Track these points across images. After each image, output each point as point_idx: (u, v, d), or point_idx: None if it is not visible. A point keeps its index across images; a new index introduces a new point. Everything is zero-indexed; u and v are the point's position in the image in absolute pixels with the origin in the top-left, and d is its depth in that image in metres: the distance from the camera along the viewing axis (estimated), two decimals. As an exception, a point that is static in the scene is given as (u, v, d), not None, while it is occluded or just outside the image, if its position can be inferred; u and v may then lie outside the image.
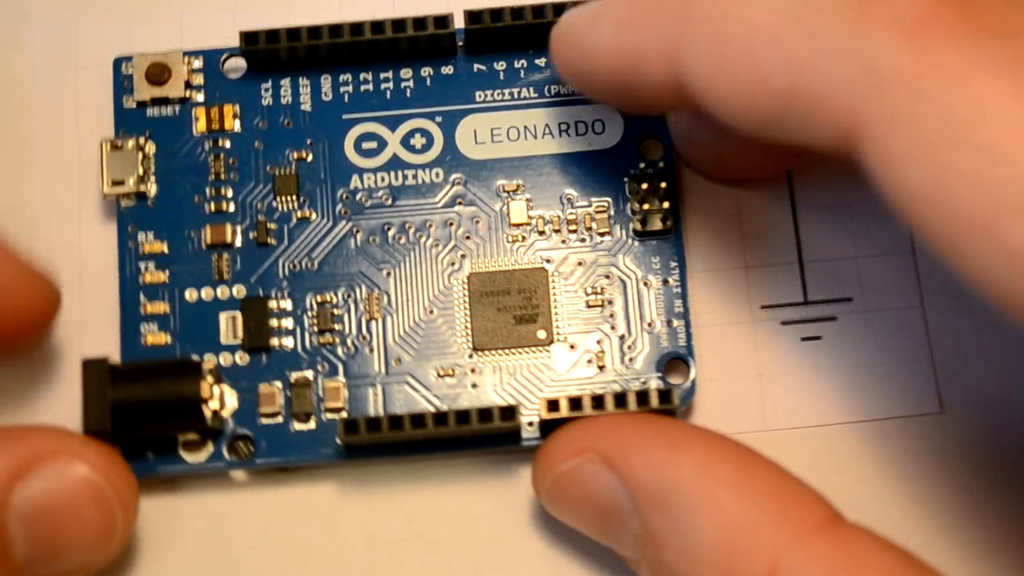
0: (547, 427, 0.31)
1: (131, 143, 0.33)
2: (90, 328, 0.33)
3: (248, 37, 0.33)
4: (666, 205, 0.32)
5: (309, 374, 0.32)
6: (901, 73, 0.22)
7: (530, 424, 0.31)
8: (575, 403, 0.30)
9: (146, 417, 0.30)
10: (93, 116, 0.34)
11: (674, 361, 0.32)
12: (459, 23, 0.33)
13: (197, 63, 0.34)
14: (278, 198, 0.33)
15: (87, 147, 0.34)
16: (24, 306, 0.30)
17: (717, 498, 0.26)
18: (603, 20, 0.27)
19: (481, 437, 0.31)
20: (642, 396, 0.30)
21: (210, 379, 0.31)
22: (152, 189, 0.33)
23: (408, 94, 0.33)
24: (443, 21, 0.32)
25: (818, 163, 0.33)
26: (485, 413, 0.30)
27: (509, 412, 0.30)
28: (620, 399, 0.30)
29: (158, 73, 0.33)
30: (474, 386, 0.32)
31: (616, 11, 0.27)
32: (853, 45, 0.23)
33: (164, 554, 0.31)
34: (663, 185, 0.32)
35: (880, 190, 0.23)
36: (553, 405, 0.30)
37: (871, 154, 0.23)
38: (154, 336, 0.32)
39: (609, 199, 0.33)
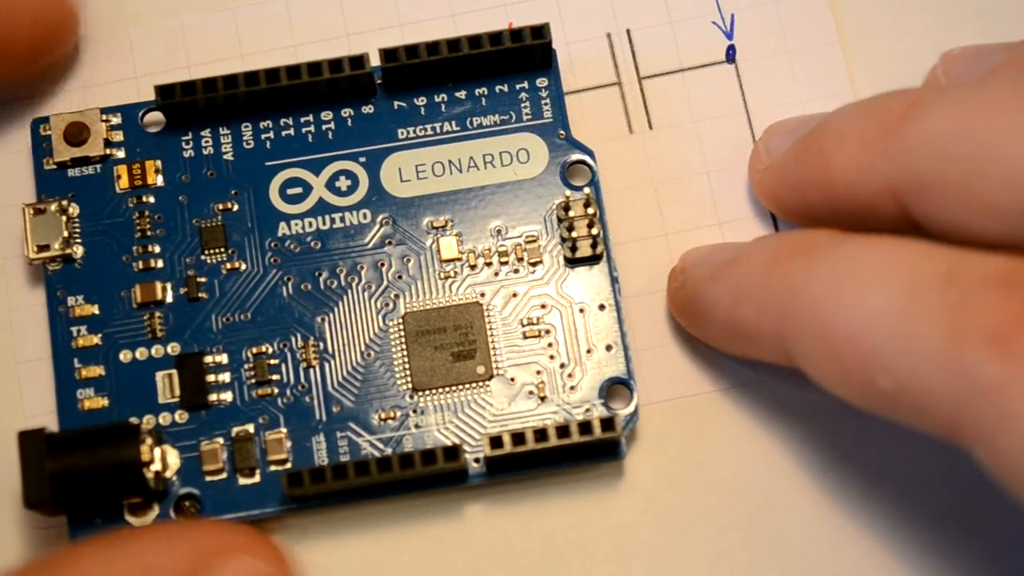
0: (493, 464, 0.30)
1: (54, 206, 0.32)
2: (25, 395, 0.32)
3: (163, 91, 0.32)
4: (595, 231, 0.32)
5: (250, 427, 0.31)
6: (994, 383, 0.24)
7: (476, 461, 0.31)
8: (518, 438, 0.30)
9: (87, 485, 0.30)
10: (14, 180, 0.34)
11: (616, 386, 0.32)
12: (375, 62, 0.33)
13: (116, 119, 0.33)
14: (206, 251, 0.32)
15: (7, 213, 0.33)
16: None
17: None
18: (721, 285, 0.30)
19: (428, 478, 0.30)
20: (584, 426, 0.30)
21: (149, 441, 0.30)
22: (79, 251, 0.32)
23: (330, 136, 0.33)
24: (359, 61, 0.32)
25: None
26: (429, 455, 0.30)
27: (452, 452, 0.30)
28: (563, 431, 0.30)
29: (76, 132, 0.33)
30: (417, 427, 0.31)
31: (734, 279, 0.29)
32: (949, 358, 0.24)
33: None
34: (590, 211, 0.32)
35: (994, 478, 0.25)
36: (496, 441, 0.30)
37: (979, 450, 0.25)
38: (91, 400, 0.32)
39: (538, 228, 0.32)
